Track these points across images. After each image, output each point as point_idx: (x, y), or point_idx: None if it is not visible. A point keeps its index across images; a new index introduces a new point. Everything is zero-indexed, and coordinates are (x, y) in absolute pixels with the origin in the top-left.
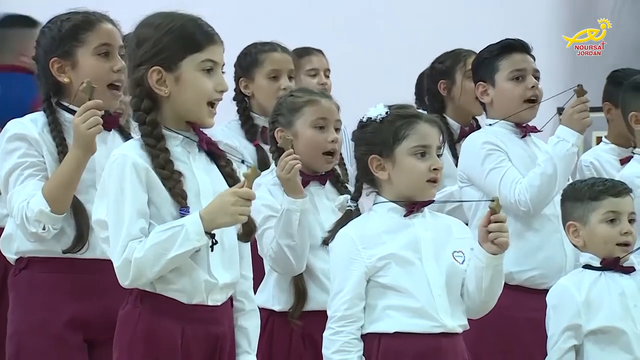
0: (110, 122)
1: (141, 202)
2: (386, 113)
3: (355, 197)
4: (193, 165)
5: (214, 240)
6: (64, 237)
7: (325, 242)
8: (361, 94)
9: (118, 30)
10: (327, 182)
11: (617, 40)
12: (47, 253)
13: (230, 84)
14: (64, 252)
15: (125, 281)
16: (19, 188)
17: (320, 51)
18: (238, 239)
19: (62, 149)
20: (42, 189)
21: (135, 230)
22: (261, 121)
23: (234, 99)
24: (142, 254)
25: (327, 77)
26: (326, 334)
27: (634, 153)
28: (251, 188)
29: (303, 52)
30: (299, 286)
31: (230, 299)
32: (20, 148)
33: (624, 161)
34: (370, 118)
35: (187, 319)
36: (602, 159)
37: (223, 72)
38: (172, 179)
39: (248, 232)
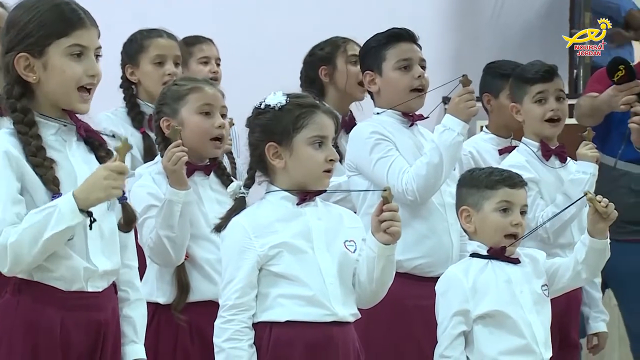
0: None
1: (14, 190)
2: (286, 101)
3: (248, 185)
4: (69, 154)
5: (91, 219)
6: None
7: (218, 229)
8: (250, 84)
9: (6, 12)
10: (212, 173)
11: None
12: None
13: (118, 71)
14: None
15: (4, 268)
16: None
17: (210, 40)
18: (118, 228)
19: None
20: None
21: (10, 215)
22: (148, 108)
23: (121, 86)
24: (16, 238)
25: (218, 65)
26: (217, 322)
27: (512, 143)
28: (123, 162)
29: (194, 40)
30: (181, 278)
31: (114, 286)
32: None
33: (502, 151)
34: (269, 105)
35: (67, 307)
36: (481, 148)
37: (99, 56)
38: (43, 167)
39: (128, 222)
